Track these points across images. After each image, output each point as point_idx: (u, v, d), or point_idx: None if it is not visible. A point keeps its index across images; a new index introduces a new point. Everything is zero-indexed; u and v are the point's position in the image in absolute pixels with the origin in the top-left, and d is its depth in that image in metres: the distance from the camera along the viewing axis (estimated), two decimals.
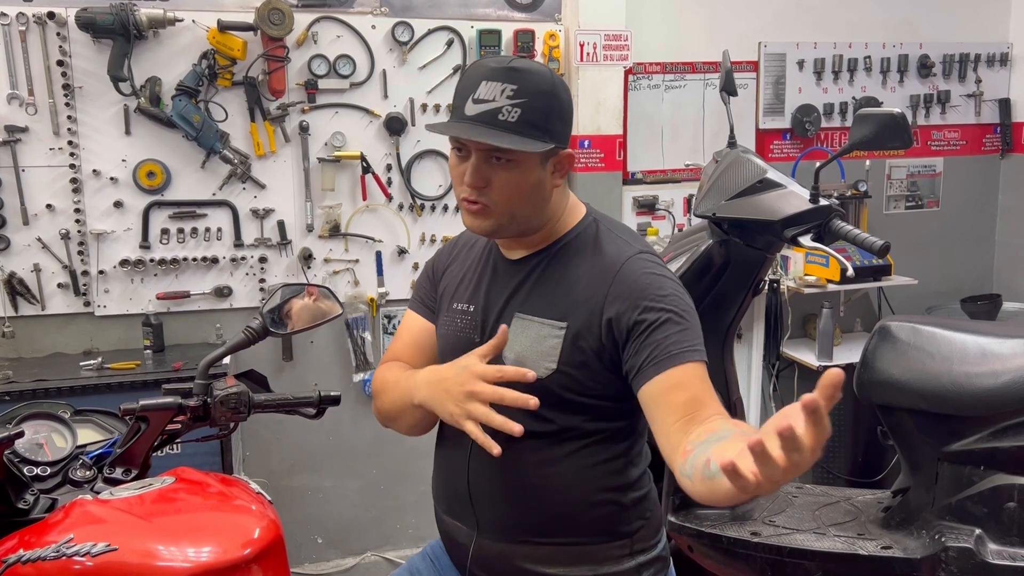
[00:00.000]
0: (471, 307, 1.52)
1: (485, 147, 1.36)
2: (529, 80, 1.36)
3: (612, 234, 1.47)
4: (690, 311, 1.38)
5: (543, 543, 1.45)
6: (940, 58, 3.88)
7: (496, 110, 1.34)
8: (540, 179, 1.40)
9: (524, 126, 1.34)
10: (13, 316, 2.91)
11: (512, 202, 1.39)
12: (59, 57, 2.81)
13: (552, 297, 1.43)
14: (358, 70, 3.11)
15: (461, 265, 1.60)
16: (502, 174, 1.37)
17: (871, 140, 2.05)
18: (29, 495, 1.34)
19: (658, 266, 1.43)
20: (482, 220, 1.41)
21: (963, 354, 2.08)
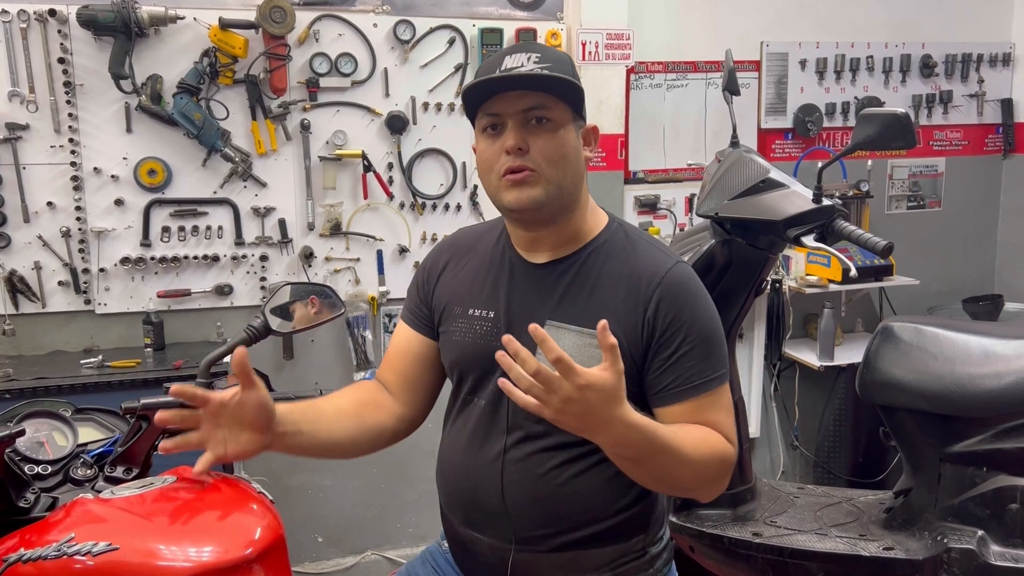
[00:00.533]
0: (491, 313, 1.47)
1: (524, 107, 1.35)
2: (550, 51, 1.41)
3: (643, 241, 1.47)
4: (717, 331, 1.41)
5: (570, 550, 1.44)
6: (942, 58, 3.88)
7: (528, 71, 1.35)
8: (576, 145, 1.41)
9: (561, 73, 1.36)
10: (14, 314, 2.90)
11: (556, 165, 1.37)
12: (60, 54, 2.81)
13: (589, 305, 1.40)
14: (359, 68, 3.10)
15: (464, 268, 1.55)
16: (543, 135, 1.36)
17: (875, 140, 2.04)
18: (30, 494, 1.34)
19: (694, 282, 1.43)
20: (530, 189, 1.36)
21: (966, 355, 2.07)
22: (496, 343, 1.43)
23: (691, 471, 1.32)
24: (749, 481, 2.48)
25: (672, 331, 1.37)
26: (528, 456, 1.42)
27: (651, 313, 1.38)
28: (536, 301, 1.44)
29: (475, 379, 1.50)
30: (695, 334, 1.37)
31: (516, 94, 1.35)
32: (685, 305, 1.38)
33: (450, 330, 1.53)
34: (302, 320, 1.67)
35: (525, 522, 1.44)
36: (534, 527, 1.44)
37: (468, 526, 1.52)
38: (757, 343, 3.50)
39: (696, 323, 1.38)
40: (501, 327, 1.44)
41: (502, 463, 1.44)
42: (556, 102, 1.36)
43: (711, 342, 1.38)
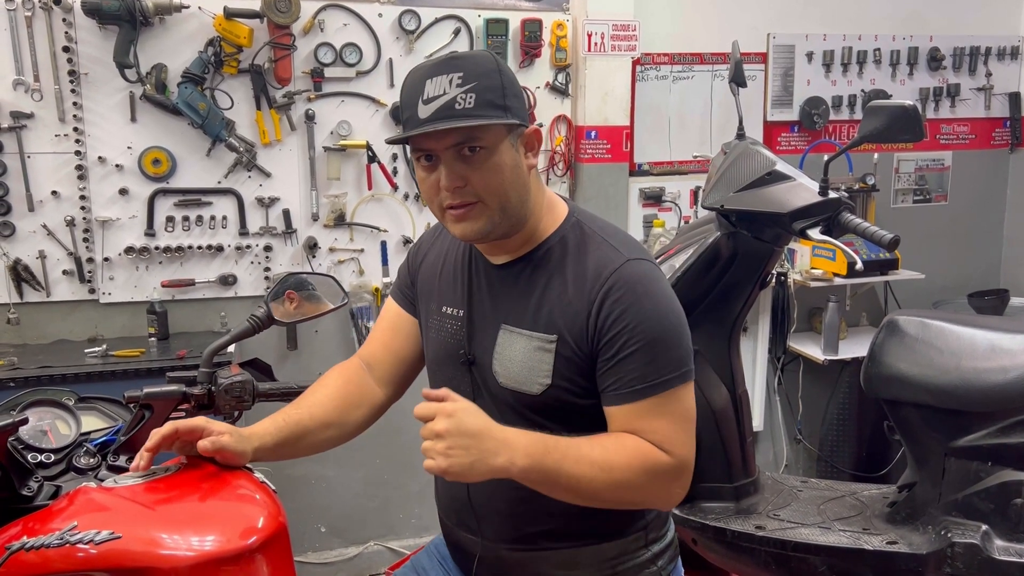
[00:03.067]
0: (460, 312, 1.47)
1: (453, 142, 1.29)
2: (473, 64, 1.30)
3: (598, 237, 1.40)
4: (668, 332, 1.33)
5: (564, 547, 1.43)
6: (950, 51, 3.85)
7: (451, 101, 1.28)
8: (516, 160, 1.34)
9: (483, 108, 1.28)
10: (18, 303, 2.91)
11: (498, 190, 1.32)
12: (65, 43, 2.80)
13: (539, 308, 1.37)
14: (364, 58, 3.09)
15: (441, 261, 1.54)
16: (478, 165, 1.31)
17: (882, 133, 2.03)
18: (33, 482, 1.34)
19: (645, 280, 1.34)
20: (473, 222, 1.34)
21: (972, 349, 2.06)
22: (460, 346, 1.45)
23: (613, 482, 1.28)
24: (752, 474, 2.47)
25: (614, 332, 1.31)
26: None
27: (594, 313, 1.33)
28: (492, 303, 1.43)
29: (449, 378, 1.49)
30: (639, 336, 1.30)
31: (436, 131, 1.28)
32: (630, 305, 1.31)
33: (428, 325, 1.53)
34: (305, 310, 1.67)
35: (509, 523, 1.44)
36: (519, 527, 1.43)
37: (457, 525, 1.52)
38: (761, 336, 3.50)
39: (641, 324, 1.30)
40: (464, 330, 1.45)
41: None
42: (486, 128, 1.30)
43: (658, 344, 1.31)
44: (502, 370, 1.39)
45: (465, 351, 1.44)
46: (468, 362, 1.44)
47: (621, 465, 1.28)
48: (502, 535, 1.45)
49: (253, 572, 1.15)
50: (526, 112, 1.38)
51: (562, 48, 3.26)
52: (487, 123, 1.29)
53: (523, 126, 1.35)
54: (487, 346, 1.41)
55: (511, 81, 1.34)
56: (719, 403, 2.39)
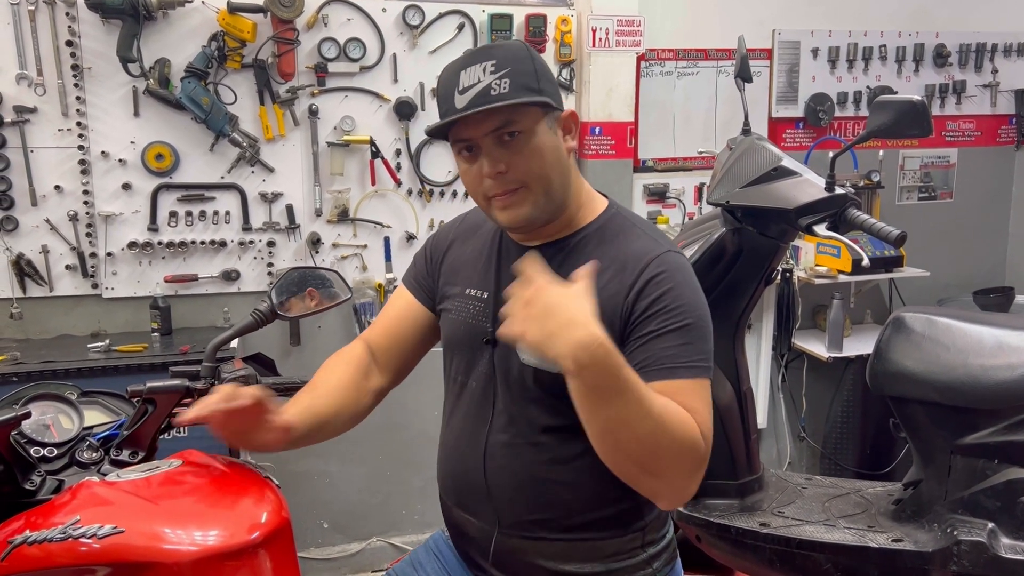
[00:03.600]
0: (484, 294, 1.47)
1: (492, 128, 1.31)
2: (506, 51, 1.34)
3: (639, 230, 1.42)
4: (700, 322, 1.32)
5: (559, 539, 1.42)
6: (956, 47, 3.83)
7: (486, 88, 1.30)
8: (555, 143, 1.36)
9: (519, 90, 1.31)
10: (21, 297, 2.90)
11: (540, 174, 1.33)
12: (68, 37, 2.80)
13: None
14: (368, 54, 3.08)
15: (467, 246, 1.55)
16: (519, 149, 1.33)
17: (890, 128, 2.01)
18: (36, 476, 1.33)
19: (683, 270, 1.36)
20: (518, 208, 1.35)
21: (979, 346, 2.05)
22: (485, 323, 1.45)
23: (656, 438, 1.17)
24: (757, 471, 2.46)
25: (653, 311, 1.31)
26: (513, 439, 1.40)
27: (633, 295, 1.33)
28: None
29: (467, 359, 1.50)
30: (678, 317, 1.30)
31: (479, 115, 1.31)
32: (672, 288, 1.32)
33: (448, 308, 1.53)
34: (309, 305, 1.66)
35: (511, 507, 1.44)
36: (520, 512, 1.43)
37: (460, 508, 1.52)
38: (765, 333, 3.49)
39: (682, 308, 1.31)
40: (490, 309, 1.45)
41: (486, 445, 1.44)
42: (521, 111, 1.32)
43: (694, 330, 1.30)
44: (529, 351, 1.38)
45: (490, 330, 1.43)
46: (490, 342, 1.44)
47: (676, 428, 1.20)
48: (502, 518, 1.45)
49: (256, 567, 1.14)
50: (560, 96, 1.40)
51: (566, 43, 3.25)
52: (523, 102, 1.30)
53: (559, 109, 1.37)
54: None
55: (543, 66, 1.38)
56: (724, 400, 2.38)
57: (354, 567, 3.39)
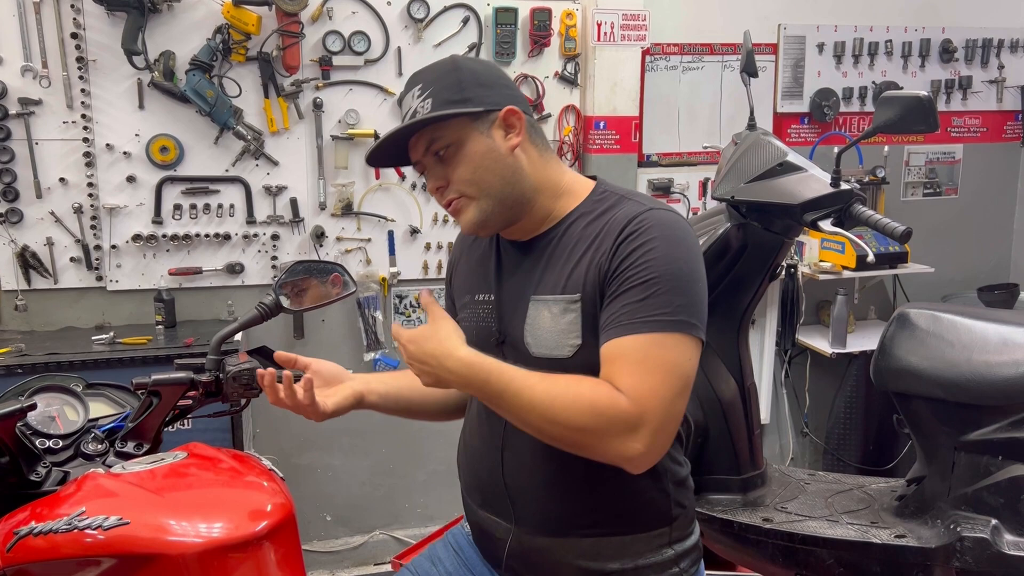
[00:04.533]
0: (489, 296, 1.48)
1: (424, 149, 1.38)
2: (430, 72, 1.40)
3: (626, 200, 1.38)
4: (673, 277, 1.28)
5: (585, 536, 1.41)
6: (962, 43, 3.82)
7: (413, 112, 1.37)
8: (488, 146, 1.36)
9: (440, 107, 1.35)
10: (26, 289, 2.91)
11: (474, 180, 1.36)
12: (73, 29, 2.80)
13: (566, 273, 1.37)
14: (373, 47, 3.08)
15: (472, 256, 1.57)
16: (451, 162, 1.37)
17: (896, 123, 2.01)
18: (41, 467, 1.34)
19: (663, 225, 1.31)
20: (465, 215, 1.40)
21: (983, 343, 2.04)
22: (491, 324, 1.46)
23: (550, 422, 1.25)
24: (760, 467, 2.46)
25: (619, 270, 1.29)
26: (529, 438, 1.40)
27: (608, 257, 1.32)
28: (522, 279, 1.44)
29: None
30: (642, 273, 1.27)
31: (412, 139, 1.39)
32: (641, 245, 1.29)
33: (462, 316, 1.54)
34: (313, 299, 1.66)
35: (533, 505, 1.43)
36: (542, 511, 1.42)
37: (484, 508, 1.51)
38: (769, 329, 3.48)
39: (648, 263, 1.28)
40: (495, 309, 1.46)
41: (503, 445, 1.44)
42: (445, 126, 1.36)
43: (658, 284, 1.27)
44: (533, 340, 1.39)
45: (497, 330, 1.44)
46: (499, 342, 1.44)
47: (568, 402, 1.24)
48: (528, 518, 1.44)
49: (261, 559, 1.15)
50: (501, 94, 1.40)
51: (571, 37, 3.24)
52: (434, 116, 1.34)
53: (491, 110, 1.37)
54: (517, 322, 1.41)
55: (472, 72, 1.39)
56: (727, 395, 2.38)
57: (357, 560, 3.40)
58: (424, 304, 1.35)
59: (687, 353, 1.28)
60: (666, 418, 1.25)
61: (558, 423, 1.25)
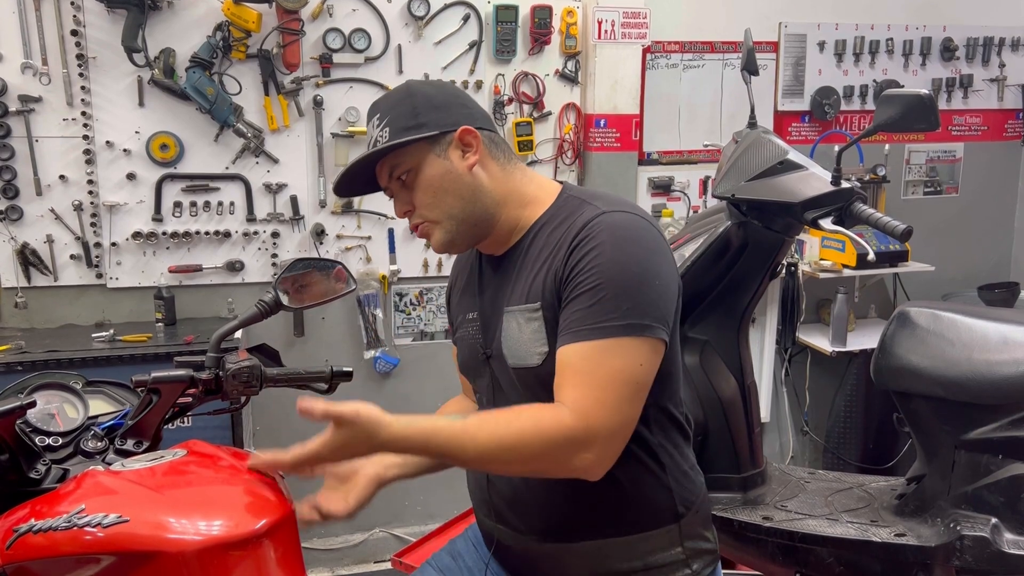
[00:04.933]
0: (475, 314, 1.50)
1: (387, 176, 1.41)
2: (386, 101, 1.44)
3: (588, 204, 1.37)
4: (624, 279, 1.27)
5: (591, 539, 1.41)
6: (963, 41, 3.82)
7: (373, 142, 1.40)
8: (445, 168, 1.38)
9: (396, 134, 1.37)
10: (26, 287, 2.91)
11: (435, 204, 1.39)
12: (73, 27, 2.80)
13: (527, 281, 1.39)
14: (373, 44, 3.07)
15: (462, 278, 1.60)
16: (412, 188, 1.40)
17: (897, 122, 2.00)
18: (41, 465, 1.33)
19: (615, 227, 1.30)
20: (434, 237, 1.43)
21: (984, 341, 2.04)
22: (478, 341, 1.48)
23: (489, 458, 1.27)
24: (760, 465, 2.46)
25: (573, 273, 1.30)
26: None
27: (565, 258, 1.32)
28: (498, 293, 1.45)
29: (476, 377, 1.53)
30: (591, 278, 1.27)
31: (378, 167, 1.42)
32: (591, 249, 1.29)
33: (459, 336, 1.56)
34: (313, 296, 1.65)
35: (539, 513, 1.43)
36: (548, 518, 1.42)
37: (490, 518, 1.52)
38: (769, 327, 3.48)
39: (597, 268, 1.27)
40: (480, 326, 1.48)
41: None
42: (403, 152, 1.38)
43: (607, 288, 1.26)
44: (509, 352, 1.40)
45: (482, 348, 1.46)
46: (486, 357, 1.46)
47: (511, 433, 1.25)
48: (529, 526, 1.44)
49: (261, 557, 1.14)
50: (454, 115, 1.41)
51: (572, 35, 3.24)
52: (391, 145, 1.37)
53: (445, 132, 1.39)
54: (498, 336, 1.43)
55: (426, 96, 1.41)
56: (727, 393, 2.38)
57: (356, 558, 3.40)
58: (319, 417, 1.21)
59: (638, 357, 1.28)
60: (614, 427, 1.26)
61: (513, 461, 1.27)
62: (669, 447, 1.43)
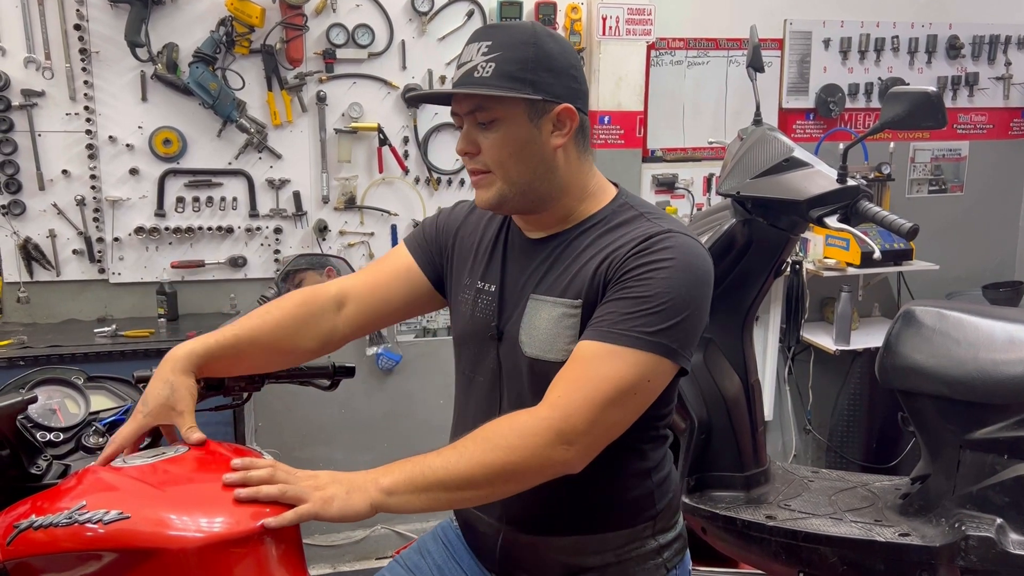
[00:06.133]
0: (492, 287, 1.45)
1: (468, 109, 1.32)
2: (505, 33, 1.32)
3: (644, 217, 1.36)
4: (667, 300, 1.26)
5: (569, 534, 1.42)
6: (970, 39, 3.80)
7: (472, 69, 1.30)
8: (531, 137, 1.32)
9: (499, 79, 1.29)
10: (28, 281, 2.91)
11: (504, 164, 1.32)
12: (76, 21, 2.79)
13: (569, 277, 1.36)
14: (377, 40, 3.06)
15: (477, 234, 1.52)
16: (489, 136, 1.32)
17: (903, 119, 1.99)
18: (42, 460, 1.33)
19: (675, 248, 1.29)
20: (485, 191, 1.36)
21: (990, 341, 2.03)
22: (491, 319, 1.43)
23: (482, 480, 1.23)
24: (763, 464, 2.46)
25: (626, 277, 1.28)
26: None
27: (621, 262, 1.30)
28: (526, 276, 1.42)
29: (474, 354, 1.48)
30: (644, 288, 1.26)
31: (462, 93, 1.32)
32: (656, 261, 1.27)
33: (459, 300, 1.51)
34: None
35: (520, 503, 1.40)
36: (529, 509, 1.42)
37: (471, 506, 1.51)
38: (772, 325, 3.47)
39: (653, 280, 1.26)
40: (495, 304, 1.43)
41: None
42: (499, 99, 1.30)
43: (647, 302, 1.25)
44: (527, 339, 1.37)
45: (496, 325, 1.42)
46: (496, 336, 1.42)
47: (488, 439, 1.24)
48: (513, 517, 1.44)
49: (262, 554, 1.14)
50: (568, 87, 1.34)
51: (576, 32, 3.22)
52: (487, 94, 1.29)
53: (548, 101, 1.32)
54: (515, 318, 1.40)
55: (546, 54, 1.32)
56: (731, 391, 2.37)
57: (358, 554, 3.40)
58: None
59: (648, 373, 1.27)
60: (594, 423, 1.24)
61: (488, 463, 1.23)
62: (657, 454, 1.45)
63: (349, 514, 1.17)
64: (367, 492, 1.19)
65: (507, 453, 1.22)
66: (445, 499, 1.24)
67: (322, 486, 1.18)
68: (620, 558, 1.42)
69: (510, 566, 1.48)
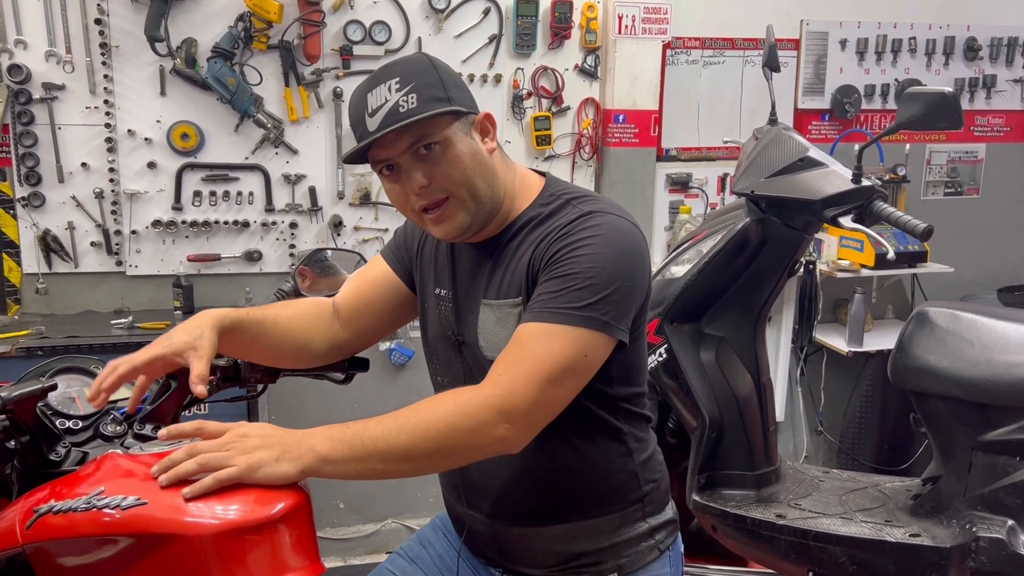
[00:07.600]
0: (447, 293, 1.49)
1: (407, 145, 1.32)
2: (407, 66, 1.35)
3: (571, 204, 1.39)
4: (592, 274, 1.28)
5: (559, 523, 1.44)
6: (988, 41, 3.78)
7: (395, 106, 1.30)
8: (474, 147, 1.36)
9: (427, 103, 1.31)
10: (47, 272, 2.94)
11: (464, 180, 1.34)
12: (97, 15, 2.82)
13: (508, 276, 1.39)
14: (393, 37, 3.08)
15: (429, 247, 1.55)
16: (438, 160, 1.33)
17: (920, 120, 1.99)
18: (61, 447, 1.35)
19: (596, 227, 1.32)
20: (452, 219, 1.35)
21: (1003, 342, 2.03)
22: (451, 325, 1.46)
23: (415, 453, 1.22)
24: (774, 463, 2.46)
25: (553, 260, 1.32)
26: None
27: (546, 248, 1.33)
28: (475, 282, 1.45)
29: (442, 359, 1.52)
30: (567, 267, 1.29)
31: (391, 135, 1.31)
32: (575, 241, 1.31)
33: (426, 306, 1.54)
34: (330, 286, 1.67)
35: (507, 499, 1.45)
36: (516, 503, 1.45)
37: (460, 503, 1.54)
38: (785, 326, 3.46)
39: (574, 258, 1.30)
40: (452, 310, 1.46)
41: None
42: (433, 123, 1.32)
43: (573, 279, 1.28)
44: (486, 344, 1.41)
45: (456, 331, 1.46)
46: (458, 343, 1.46)
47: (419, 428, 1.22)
48: (499, 512, 1.47)
49: (276, 541, 1.15)
50: (472, 100, 1.39)
51: (592, 30, 3.23)
52: (433, 114, 1.30)
53: (471, 113, 1.37)
54: (472, 324, 1.43)
55: (449, 73, 1.37)
56: (743, 391, 2.37)
57: (369, 547, 3.42)
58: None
59: (585, 348, 1.28)
60: (533, 401, 1.25)
61: (430, 437, 1.22)
62: (638, 433, 1.47)
63: (275, 480, 1.16)
64: (301, 459, 1.18)
65: (449, 428, 1.23)
66: (381, 469, 1.24)
67: (250, 449, 1.16)
68: (613, 541, 1.45)
69: (507, 558, 1.51)
